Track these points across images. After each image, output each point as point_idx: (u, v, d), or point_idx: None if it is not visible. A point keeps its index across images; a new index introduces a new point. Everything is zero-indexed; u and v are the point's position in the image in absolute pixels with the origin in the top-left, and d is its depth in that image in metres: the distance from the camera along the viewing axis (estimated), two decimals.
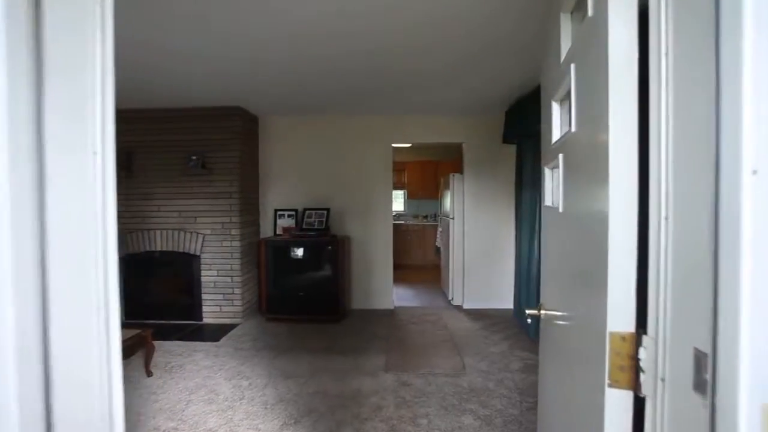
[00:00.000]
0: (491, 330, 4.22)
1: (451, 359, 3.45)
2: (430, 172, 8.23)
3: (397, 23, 2.47)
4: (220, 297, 4.52)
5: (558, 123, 1.36)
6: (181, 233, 4.51)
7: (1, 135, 0.62)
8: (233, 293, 4.50)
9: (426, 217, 8.45)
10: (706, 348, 0.53)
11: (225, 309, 4.52)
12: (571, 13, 1.20)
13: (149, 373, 3.20)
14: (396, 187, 7.92)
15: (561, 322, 1.24)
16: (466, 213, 5.10)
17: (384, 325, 4.39)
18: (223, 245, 4.48)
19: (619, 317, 0.72)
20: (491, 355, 3.55)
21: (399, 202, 8.57)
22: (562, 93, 1.29)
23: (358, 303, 5.11)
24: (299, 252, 4.66)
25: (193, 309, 4.55)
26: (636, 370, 0.70)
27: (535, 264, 3.83)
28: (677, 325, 0.62)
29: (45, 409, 0.70)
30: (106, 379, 0.75)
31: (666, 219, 0.66)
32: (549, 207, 1.49)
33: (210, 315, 4.55)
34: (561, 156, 1.23)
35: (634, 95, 0.73)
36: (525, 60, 3.15)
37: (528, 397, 2.82)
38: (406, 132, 5.06)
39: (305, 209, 4.89)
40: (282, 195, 5.08)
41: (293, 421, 2.53)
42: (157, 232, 4.53)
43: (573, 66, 1.05)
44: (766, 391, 0.47)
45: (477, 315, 4.77)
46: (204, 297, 4.54)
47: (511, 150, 4.90)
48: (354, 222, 5.07)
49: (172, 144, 4.46)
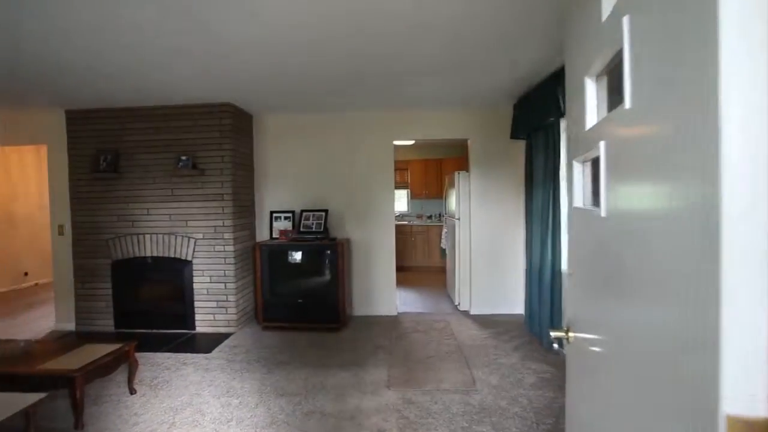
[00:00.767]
0: (501, 339, 3.94)
1: (460, 373, 3.18)
2: (433, 170, 7.95)
3: (395, 6, 2.21)
4: (213, 305, 4.28)
5: (593, 104, 1.09)
6: (172, 237, 4.27)
7: None
8: (227, 301, 4.26)
9: (430, 218, 8.18)
10: None
11: (219, 317, 4.28)
12: None
13: (132, 391, 2.96)
14: (398, 187, 7.66)
15: (607, 359, 0.97)
16: (472, 213, 4.82)
17: (387, 334, 4.12)
18: (216, 250, 4.24)
19: (745, 391, 0.45)
20: (502, 368, 3.27)
21: (402, 202, 8.30)
22: (600, 64, 1.01)
23: (359, 309, 4.84)
24: (296, 256, 4.41)
25: (186, 317, 4.31)
26: None
27: (549, 268, 3.55)
28: None
29: None
30: None
31: None
32: (581, 209, 1.22)
33: (203, 324, 4.30)
34: (603, 144, 0.95)
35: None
36: (534, 48, 2.87)
37: (545, 418, 2.54)
38: (408, 128, 4.79)
39: (302, 211, 4.63)
40: (278, 196, 4.83)
41: None
42: (147, 236, 4.29)
43: (626, 19, 0.78)
44: None
45: (485, 322, 4.49)
46: (196, 305, 4.30)
47: (520, 145, 4.62)
48: (354, 224, 4.81)
49: (160, 144, 4.22)
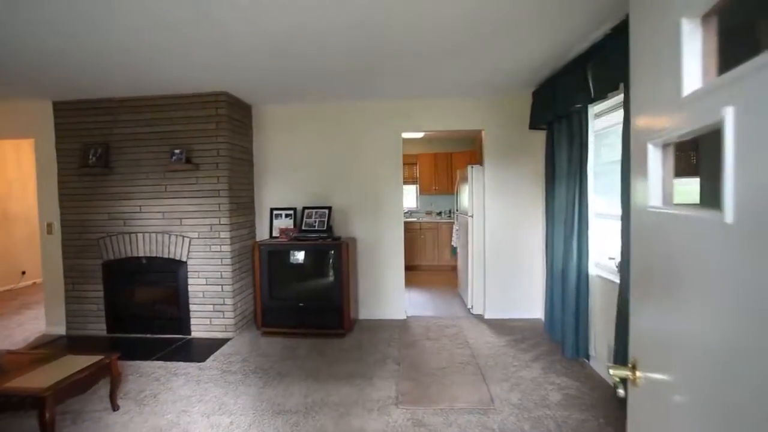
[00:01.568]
0: (519, 347, 3.61)
1: (476, 388, 2.86)
2: (443, 164, 7.61)
3: None
4: (209, 308, 4.01)
5: (695, 56, 0.76)
6: (166, 237, 4.00)
7: None
8: (224, 304, 3.98)
9: (440, 214, 7.84)
10: None
11: (215, 322, 4.01)
12: None
13: (115, 407, 2.69)
14: (407, 182, 7.34)
15: (706, 416, 0.64)
16: (487, 209, 4.48)
17: (395, 341, 3.82)
18: (212, 250, 3.96)
19: None
20: (522, 382, 2.95)
21: (410, 197, 7.97)
22: None
23: (365, 312, 4.55)
24: (298, 257, 4.11)
25: (181, 322, 4.05)
26: None
27: (574, 271, 3.20)
28: None
29: None
30: None
31: None
32: (659, 212, 0.89)
33: (199, 328, 4.04)
34: (730, 112, 0.62)
35: None
36: (557, 25, 2.52)
37: None
38: (418, 119, 4.45)
39: (304, 208, 4.33)
40: (279, 192, 4.53)
41: None
42: (139, 235, 4.03)
43: None
44: None
45: (501, 327, 4.16)
46: (192, 308, 4.03)
47: (540, 136, 4.26)
48: (360, 222, 4.50)
49: (152, 137, 3.94)
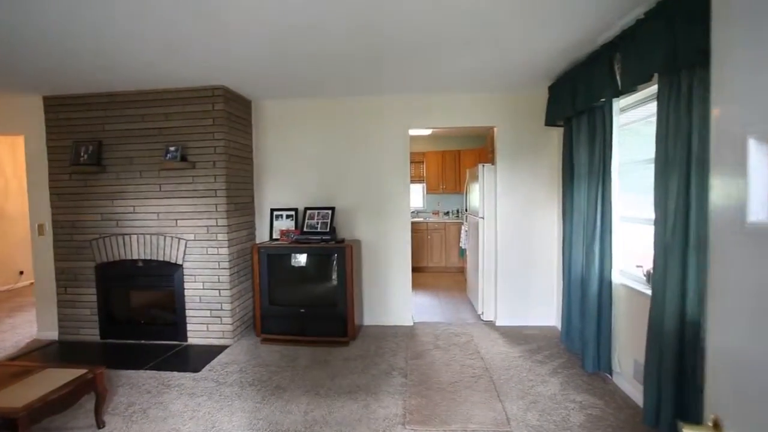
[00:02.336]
0: (535, 359, 3.38)
1: (490, 406, 2.64)
2: (451, 162, 7.36)
3: None
4: (206, 314, 3.81)
5: None
6: (161, 238, 3.80)
7: None
8: (221, 309, 3.78)
9: (447, 214, 7.60)
10: None
11: (212, 328, 3.81)
12: None
13: (100, 424, 2.50)
14: (413, 181, 7.10)
15: None
16: (498, 210, 4.24)
17: (402, 350, 3.60)
18: (209, 253, 3.76)
19: None
20: (540, 400, 2.71)
21: (417, 197, 7.73)
22: None
23: (370, 318, 4.33)
24: (299, 260, 3.91)
25: (177, 327, 3.86)
26: None
27: (596, 278, 2.96)
28: None
29: None
30: None
31: None
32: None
33: (195, 335, 3.84)
34: None
35: None
36: (581, 9, 2.28)
37: None
38: (426, 116, 4.22)
39: (306, 209, 4.12)
40: (280, 192, 4.32)
41: None
42: (134, 237, 3.84)
43: None
44: None
45: (514, 336, 3.93)
46: (188, 314, 3.84)
47: (557, 134, 4.03)
48: (364, 223, 4.28)
49: (146, 133, 3.75)
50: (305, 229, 4.01)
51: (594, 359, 2.98)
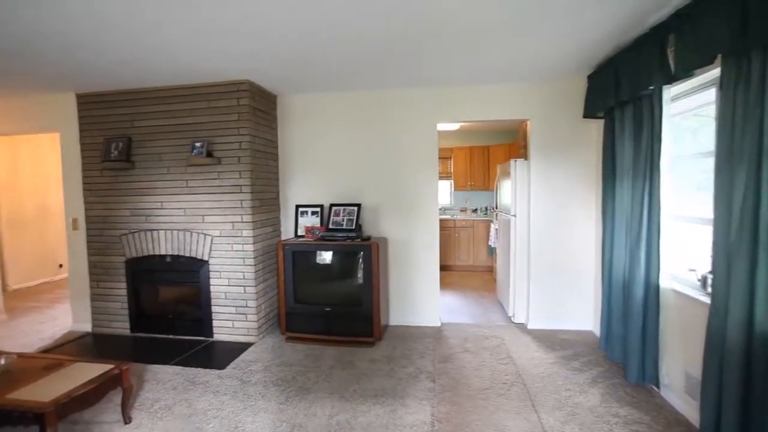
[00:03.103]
0: (571, 366, 3.17)
1: (524, 417, 2.47)
2: (479, 158, 7.14)
3: None
4: (231, 310, 3.80)
5: None
6: (187, 234, 3.81)
7: None
8: (246, 306, 3.76)
9: (476, 211, 7.39)
10: None
11: (237, 324, 3.79)
12: None
13: (127, 419, 2.50)
14: (440, 177, 6.93)
15: None
16: (532, 208, 4.03)
17: (429, 353, 3.46)
18: (234, 249, 3.73)
19: None
20: (580, 411, 2.53)
21: (444, 193, 7.55)
22: None
23: (396, 318, 4.22)
24: (325, 257, 3.83)
25: (203, 323, 3.87)
26: None
27: (642, 283, 2.73)
28: None
29: None
30: None
31: None
32: None
33: (221, 331, 3.84)
34: None
35: None
36: None
37: None
38: (455, 109, 4.04)
39: (332, 205, 4.04)
40: (305, 188, 4.26)
41: None
42: (161, 232, 3.87)
43: None
44: None
45: (548, 340, 3.72)
46: (214, 310, 3.83)
47: (596, 126, 3.78)
48: (391, 220, 4.16)
49: (174, 129, 3.75)
50: (330, 226, 3.93)
51: (638, 369, 2.76)
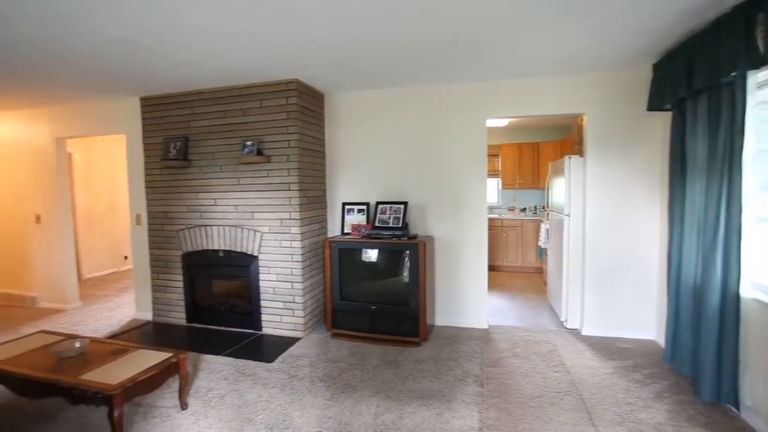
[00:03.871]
0: (632, 377, 2.95)
1: (581, 430, 2.32)
2: (528, 155, 6.85)
3: None
4: (279, 305, 3.89)
5: None
6: (238, 230, 3.95)
7: None
8: (294, 302, 3.84)
9: (524, 210, 7.11)
10: None
11: (285, 320, 3.88)
12: None
13: (184, 405, 2.62)
14: (488, 175, 6.72)
15: None
16: (588, 208, 3.80)
17: (477, 356, 3.36)
18: (282, 245, 3.82)
19: None
20: (644, 429, 2.33)
21: (491, 192, 7.33)
22: None
23: (442, 319, 4.14)
24: (370, 255, 3.83)
25: (252, 317, 3.99)
26: None
27: (718, 290, 2.47)
28: None
29: None
30: None
31: None
32: None
33: (269, 325, 3.95)
34: None
35: None
36: None
37: None
38: (505, 104, 3.89)
39: (378, 203, 4.02)
40: (351, 186, 4.28)
41: None
42: (215, 228, 4.03)
43: None
44: None
45: (605, 348, 3.49)
46: (263, 304, 3.95)
47: (662, 120, 3.49)
48: (438, 219, 4.08)
49: (226, 128, 3.89)
50: (377, 224, 3.92)
51: (713, 386, 2.51)
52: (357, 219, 4.09)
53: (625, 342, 3.62)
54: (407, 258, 3.64)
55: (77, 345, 2.64)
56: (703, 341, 2.57)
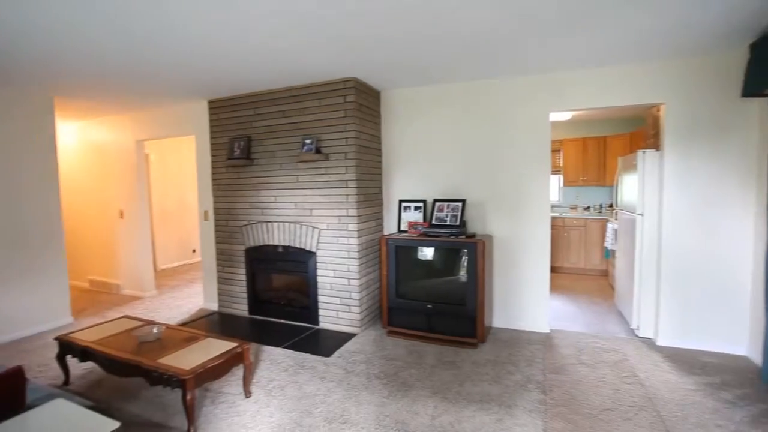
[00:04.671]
0: (720, 397, 2.65)
1: None
2: (594, 150, 6.42)
3: None
4: (336, 301, 3.96)
5: None
6: (297, 227, 4.07)
7: None
8: (350, 298, 3.88)
9: (588, 209, 6.68)
10: None
11: (342, 315, 3.94)
12: None
13: (248, 393, 2.74)
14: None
15: None
16: (664, 207, 3.47)
17: (538, 361, 3.20)
18: (340, 242, 3.88)
19: None
20: None
21: (552, 190, 6.95)
22: None
23: (499, 320, 3.99)
24: (427, 254, 3.78)
25: (310, 311, 4.10)
26: None
27: None
28: None
29: None
30: None
31: None
32: None
33: (326, 320, 4.03)
34: None
35: None
36: None
37: None
38: (570, 96, 3.65)
39: (435, 201, 3.95)
40: (408, 183, 4.25)
41: None
42: (275, 224, 4.19)
43: None
44: None
45: (685, 361, 3.18)
46: (320, 299, 4.04)
47: (758, 107, 3.10)
48: (497, 217, 3.93)
49: (286, 127, 4.02)
50: (434, 222, 3.86)
51: None
52: (414, 216, 4.05)
53: (711, 356, 3.27)
54: (465, 257, 3.55)
55: (155, 331, 2.85)
56: None
